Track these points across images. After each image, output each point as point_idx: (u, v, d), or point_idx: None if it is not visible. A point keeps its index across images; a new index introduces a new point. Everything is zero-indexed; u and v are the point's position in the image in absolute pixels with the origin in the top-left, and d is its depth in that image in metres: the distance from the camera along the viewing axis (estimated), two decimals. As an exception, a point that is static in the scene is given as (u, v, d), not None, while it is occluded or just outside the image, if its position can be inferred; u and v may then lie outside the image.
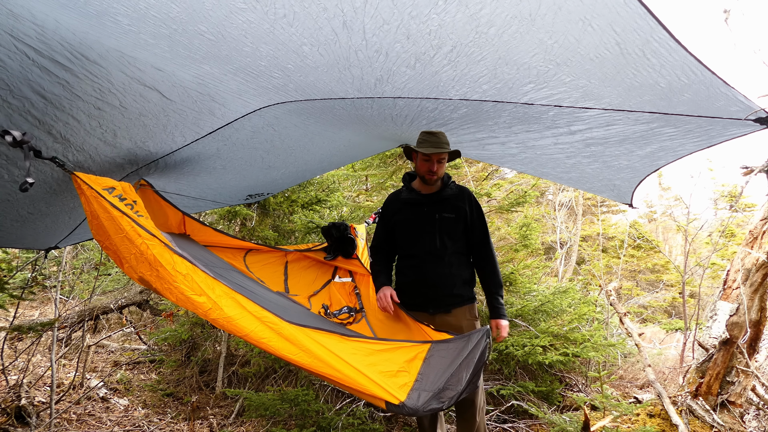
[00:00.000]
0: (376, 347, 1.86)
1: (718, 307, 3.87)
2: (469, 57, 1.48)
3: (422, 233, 2.49)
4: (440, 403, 1.60)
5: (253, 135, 2.46)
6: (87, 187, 1.74)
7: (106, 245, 1.81)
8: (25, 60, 1.43)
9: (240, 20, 1.31)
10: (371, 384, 1.59)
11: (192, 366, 4.59)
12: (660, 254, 11.49)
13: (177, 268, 1.68)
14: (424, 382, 1.69)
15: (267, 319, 1.66)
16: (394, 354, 1.84)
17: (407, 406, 1.57)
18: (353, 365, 1.62)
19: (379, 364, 1.73)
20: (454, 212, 2.51)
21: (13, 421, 3.39)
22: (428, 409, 1.58)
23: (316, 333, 1.69)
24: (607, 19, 1.19)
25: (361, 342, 1.84)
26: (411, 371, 1.75)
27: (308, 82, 1.80)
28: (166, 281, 1.68)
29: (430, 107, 2.12)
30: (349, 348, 1.74)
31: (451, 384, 1.67)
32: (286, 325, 1.66)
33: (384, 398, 1.59)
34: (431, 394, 1.63)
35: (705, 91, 1.47)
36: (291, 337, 1.64)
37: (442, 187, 2.55)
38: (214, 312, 1.63)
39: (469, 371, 1.71)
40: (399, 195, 2.63)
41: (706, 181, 15.44)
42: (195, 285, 1.66)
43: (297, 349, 1.63)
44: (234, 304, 1.66)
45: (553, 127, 2.12)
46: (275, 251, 3.10)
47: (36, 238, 2.82)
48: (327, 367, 1.61)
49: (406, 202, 2.57)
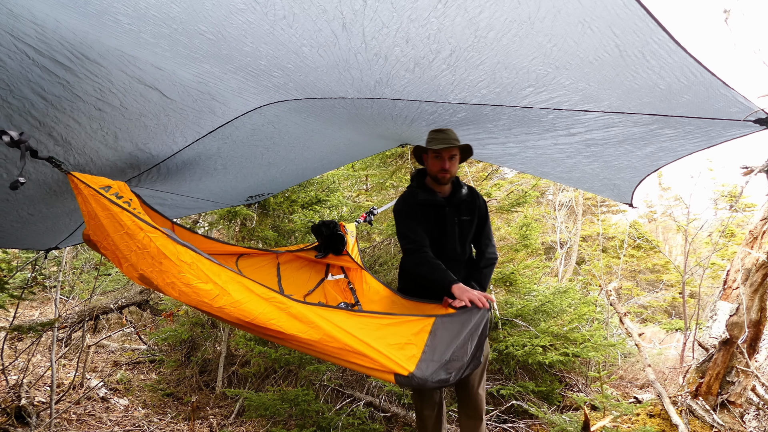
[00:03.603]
0: (383, 321, 1.86)
1: (718, 307, 3.87)
2: (468, 61, 1.48)
3: (444, 238, 2.40)
4: (447, 374, 1.61)
5: (253, 133, 2.46)
6: (84, 186, 1.73)
7: (104, 245, 1.80)
8: (26, 60, 1.43)
9: (240, 20, 1.31)
10: (380, 356, 1.60)
11: (192, 366, 4.60)
12: (660, 254, 11.49)
13: (182, 258, 1.67)
14: (431, 354, 1.70)
15: (274, 299, 1.65)
16: (400, 327, 1.84)
17: (416, 377, 1.57)
18: (361, 339, 1.62)
19: (387, 338, 1.73)
20: (470, 214, 2.45)
21: (13, 421, 3.40)
22: (437, 380, 1.59)
23: (323, 310, 1.70)
24: (607, 22, 1.19)
25: (368, 317, 1.85)
26: (418, 343, 1.75)
27: (308, 81, 1.80)
28: (169, 274, 1.67)
29: (429, 110, 2.12)
30: (357, 323, 1.74)
31: (457, 355, 1.68)
32: (294, 303, 1.66)
33: (394, 370, 1.59)
34: (439, 364, 1.63)
35: (705, 93, 1.47)
36: (300, 315, 1.64)
37: (455, 188, 2.45)
38: (221, 299, 1.62)
39: (473, 343, 1.74)
40: (415, 196, 2.43)
41: (706, 181, 15.47)
42: (201, 273, 1.66)
43: (306, 326, 1.63)
44: (241, 287, 1.66)
45: (552, 130, 2.12)
46: (266, 254, 3.10)
47: (36, 238, 2.82)
48: (336, 341, 1.61)
49: (426, 204, 2.40)
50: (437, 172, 2.33)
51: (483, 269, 2.48)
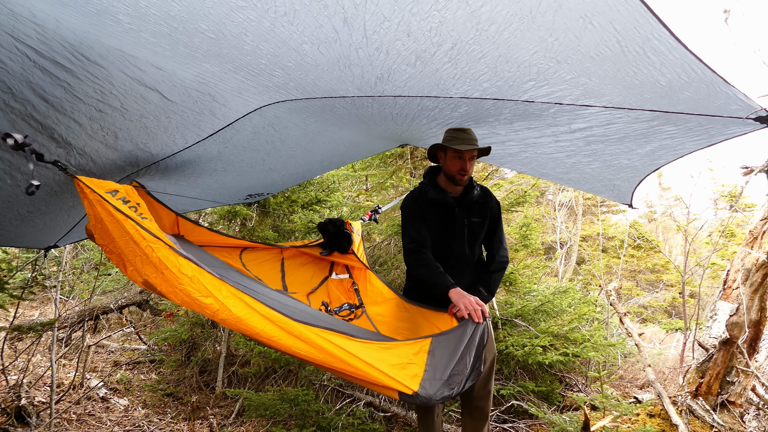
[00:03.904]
0: (382, 345, 1.89)
1: (718, 307, 3.87)
2: (469, 54, 1.48)
3: (453, 239, 2.35)
4: (450, 390, 1.65)
5: (254, 136, 2.45)
6: (90, 191, 1.73)
7: (110, 249, 1.80)
8: (26, 62, 1.43)
9: (240, 18, 1.31)
10: (384, 376, 1.62)
11: (192, 366, 4.59)
12: (660, 254, 11.49)
13: (183, 271, 1.67)
14: (432, 372, 1.73)
15: (275, 318, 1.66)
16: (399, 350, 1.86)
17: (420, 396, 1.60)
18: (364, 359, 1.64)
19: (389, 359, 1.76)
20: (481, 216, 2.39)
21: (13, 421, 3.39)
22: (441, 397, 1.62)
23: (324, 332, 1.70)
24: (608, 17, 1.19)
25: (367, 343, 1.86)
26: (419, 363, 1.78)
27: (309, 80, 1.80)
28: (171, 284, 1.67)
29: (430, 106, 2.12)
30: (358, 346, 1.76)
31: (458, 370, 1.72)
32: (295, 323, 1.67)
33: (397, 389, 1.62)
34: (441, 382, 1.67)
35: (705, 90, 1.47)
36: (301, 336, 1.65)
37: (467, 188, 2.39)
38: (222, 313, 1.63)
39: (471, 355, 1.78)
40: (425, 193, 2.37)
41: (706, 181, 15.47)
42: (202, 287, 1.66)
43: (308, 346, 1.65)
44: (242, 304, 1.66)
45: (554, 125, 2.12)
46: (271, 248, 3.10)
47: (35, 236, 2.82)
48: (339, 362, 1.63)
49: (435, 203, 2.34)
50: (456, 173, 2.27)
51: (492, 273, 2.42)
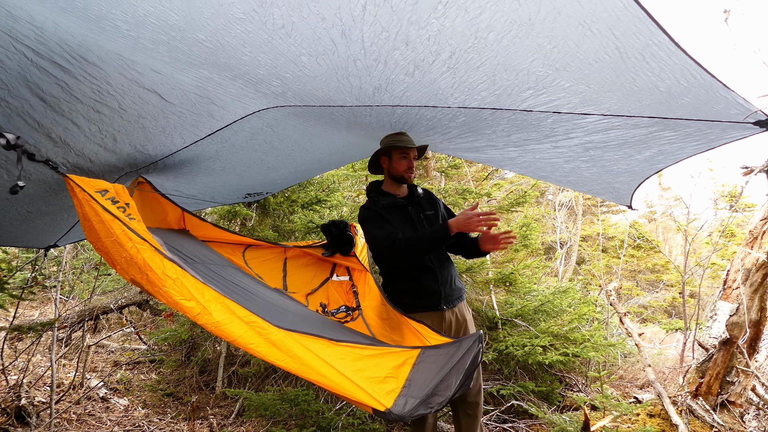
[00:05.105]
0: (364, 352, 1.85)
1: (718, 307, 3.87)
2: (468, 63, 1.48)
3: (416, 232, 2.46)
4: (428, 409, 1.59)
5: (252, 136, 2.45)
6: (79, 189, 1.73)
7: (98, 247, 1.80)
8: (24, 60, 1.42)
9: (238, 30, 1.31)
10: (358, 390, 1.59)
11: (192, 366, 4.60)
12: (660, 254, 11.49)
13: (167, 273, 1.67)
14: (411, 389, 1.68)
15: (255, 324, 1.65)
16: (382, 360, 1.83)
17: (393, 413, 1.56)
18: (340, 371, 1.62)
19: (366, 370, 1.72)
20: (433, 209, 2.55)
21: (13, 421, 3.40)
22: (415, 415, 1.58)
23: (304, 338, 1.68)
24: (607, 23, 1.19)
25: (350, 347, 1.83)
26: (399, 377, 1.74)
27: (307, 90, 1.79)
28: (156, 285, 1.67)
29: (428, 115, 2.11)
30: (337, 353, 1.73)
31: (440, 390, 1.66)
32: (275, 329, 1.65)
33: (370, 405, 1.58)
34: (418, 400, 1.62)
35: (704, 95, 1.46)
36: (278, 343, 1.64)
37: (411, 188, 2.58)
38: (202, 317, 1.62)
39: (459, 377, 1.69)
40: (376, 202, 2.47)
41: (706, 181, 15.45)
42: (184, 289, 1.65)
43: (284, 355, 1.62)
44: (223, 308, 1.65)
45: (551, 135, 2.11)
46: (275, 247, 3.11)
47: (35, 235, 2.82)
48: (314, 372, 1.60)
49: (388, 207, 2.44)
50: (404, 171, 2.43)
51: (471, 238, 2.55)
